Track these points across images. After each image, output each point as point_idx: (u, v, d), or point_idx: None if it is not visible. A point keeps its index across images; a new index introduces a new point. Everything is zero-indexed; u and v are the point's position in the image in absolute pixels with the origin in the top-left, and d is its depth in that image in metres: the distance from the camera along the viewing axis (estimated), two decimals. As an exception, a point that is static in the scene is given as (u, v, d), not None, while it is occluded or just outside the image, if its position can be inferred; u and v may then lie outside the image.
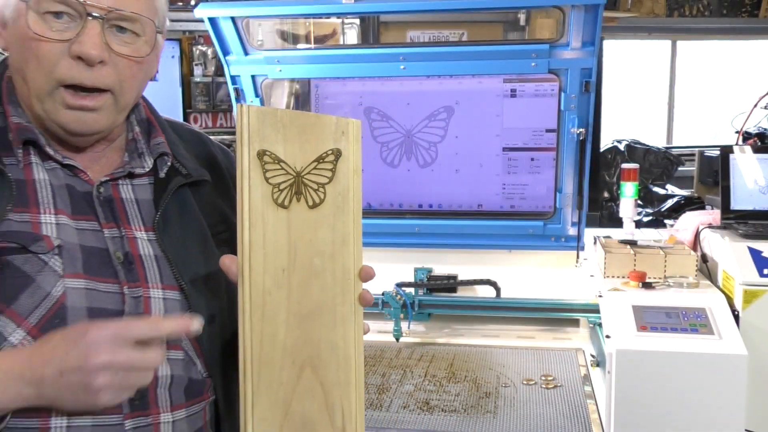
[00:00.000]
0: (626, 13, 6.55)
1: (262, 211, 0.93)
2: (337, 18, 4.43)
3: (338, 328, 0.96)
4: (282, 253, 0.94)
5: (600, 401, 2.02)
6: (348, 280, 0.96)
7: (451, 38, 6.25)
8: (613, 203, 5.39)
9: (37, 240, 0.93)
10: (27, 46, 0.93)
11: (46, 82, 0.95)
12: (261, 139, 0.93)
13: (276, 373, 0.95)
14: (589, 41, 2.42)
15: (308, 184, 0.95)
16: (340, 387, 0.97)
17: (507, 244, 2.79)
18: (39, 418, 0.91)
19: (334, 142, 0.96)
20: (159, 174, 1.07)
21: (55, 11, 0.92)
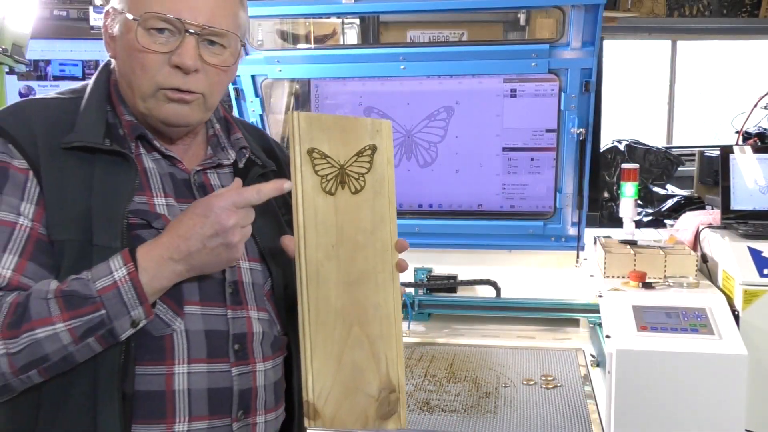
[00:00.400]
0: (626, 13, 6.55)
1: (313, 198, 1.12)
2: (337, 18, 4.43)
3: (380, 291, 1.15)
4: (331, 232, 1.13)
5: (600, 401, 2.02)
6: (386, 251, 1.15)
7: (451, 38, 6.25)
8: (613, 203, 5.39)
9: (158, 217, 1.12)
10: (134, 56, 1.11)
11: (149, 86, 1.12)
12: (310, 139, 1.12)
13: (329, 330, 1.13)
14: (589, 41, 2.42)
15: (350, 175, 1.14)
16: (383, 340, 1.15)
17: (507, 244, 2.79)
18: (165, 364, 1.09)
19: (370, 139, 1.14)
20: (238, 164, 1.25)
21: (159, 28, 1.10)
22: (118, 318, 1.02)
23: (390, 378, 1.16)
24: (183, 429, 1.10)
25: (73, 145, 1.09)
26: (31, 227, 1.06)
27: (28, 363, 1.01)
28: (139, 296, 1.03)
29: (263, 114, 2.81)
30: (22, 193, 1.08)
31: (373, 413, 1.15)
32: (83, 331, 1.01)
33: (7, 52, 2.23)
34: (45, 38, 2.86)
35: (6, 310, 1.02)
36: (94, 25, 3.00)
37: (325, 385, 1.14)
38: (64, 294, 1.01)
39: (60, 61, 2.96)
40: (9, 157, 1.09)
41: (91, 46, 2.97)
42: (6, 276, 1.04)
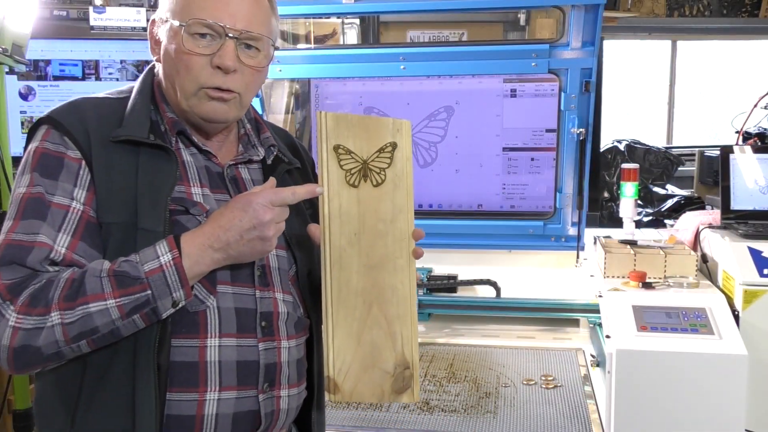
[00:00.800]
0: (626, 13, 6.55)
1: (338, 190, 1.22)
2: (337, 18, 4.43)
3: (397, 275, 1.24)
4: (354, 221, 1.23)
5: (600, 401, 2.02)
6: (404, 239, 1.24)
7: (451, 38, 6.25)
8: (613, 203, 5.39)
9: (195, 205, 1.23)
10: (180, 58, 1.23)
11: (192, 86, 1.23)
12: (336, 136, 1.22)
13: (350, 310, 1.22)
14: (589, 41, 2.42)
15: (372, 169, 1.24)
16: (400, 319, 1.24)
17: (507, 244, 2.79)
18: (199, 338, 1.19)
19: (391, 137, 1.24)
20: (267, 161, 1.36)
21: (202, 33, 1.22)
22: (161, 298, 1.13)
23: (405, 355, 1.25)
24: (214, 397, 1.20)
25: (121, 138, 1.21)
26: (82, 210, 1.18)
27: (79, 333, 1.11)
28: (182, 279, 1.14)
29: (263, 114, 2.81)
30: (75, 179, 1.19)
31: (389, 388, 1.24)
32: (130, 309, 1.12)
33: (7, 52, 2.23)
34: (45, 38, 2.86)
35: (63, 284, 1.12)
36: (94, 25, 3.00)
37: (345, 361, 1.23)
38: (116, 274, 1.12)
39: (60, 61, 2.96)
40: (65, 148, 1.20)
41: (91, 46, 2.96)
42: (61, 252, 1.15)
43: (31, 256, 1.13)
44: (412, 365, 1.26)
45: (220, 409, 1.20)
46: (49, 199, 1.17)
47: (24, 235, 1.14)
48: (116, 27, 3.01)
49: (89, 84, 2.95)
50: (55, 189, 1.17)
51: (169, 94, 1.29)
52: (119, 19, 3.01)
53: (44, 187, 1.17)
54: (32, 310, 1.10)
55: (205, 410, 1.20)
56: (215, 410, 1.20)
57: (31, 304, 1.10)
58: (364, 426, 1.94)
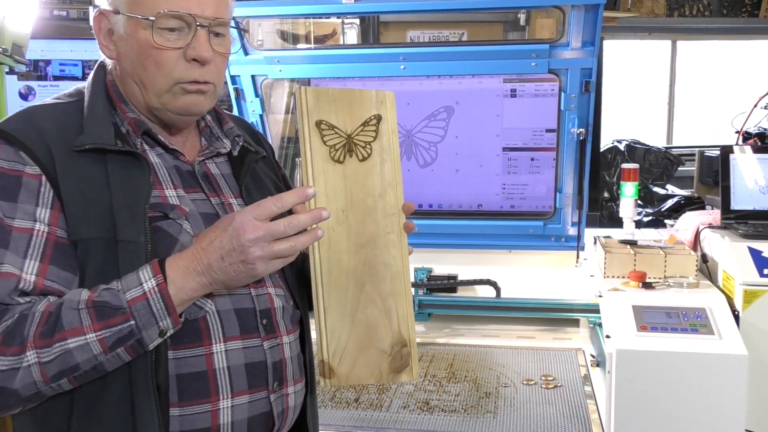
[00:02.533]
0: (626, 13, 6.54)
1: (322, 167, 1.18)
2: (337, 18, 4.42)
3: (389, 250, 1.20)
4: (341, 198, 1.18)
5: (600, 401, 2.02)
6: (394, 213, 1.21)
7: (451, 38, 6.24)
8: (613, 203, 5.39)
9: (173, 208, 1.16)
10: (147, 55, 1.15)
11: (166, 82, 1.16)
12: (318, 111, 1.18)
13: (342, 291, 1.18)
14: (589, 41, 2.42)
15: (357, 143, 1.20)
16: (394, 296, 1.20)
17: (507, 244, 2.79)
18: (203, 345, 1.14)
19: (375, 109, 1.21)
20: (233, 152, 1.31)
21: (170, 26, 1.15)
22: (147, 328, 1.05)
23: (401, 333, 1.21)
24: (227, 405, 1.15)
25: (86, 147, 1.12)
26: (48, 231, 1.09)
27: (60, 372, 1.04)
28: (168, 307, 1.06)
29: (263, 114, 2.81)
30: (37, 198, 1.10)
31: (387, 368, 1.20)
32: (113, 342, 1.04)
33: (7, 52, 2.23)
34: (45, 38, 2.86)
35: (38, 319, 1.04)
36: (94, 25, 3.00)
37: (339, 343, 1.19)
38: (95, 304, 1.04)
39: (60, 61, 2.96)
40: (21, 164, 1.11)
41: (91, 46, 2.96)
42: (31, 281, 1.07)
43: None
44: (410, 343, 1.21)
45: (234, 417, 1.16)
46: (8, 223, 1.07)
47: None
48: (116, 27, 3.00)
49: (89, 84, 2.95)
50: (14, 212, 1.08)
51: (131, 93, 1.21)
52: (119, 19, 3.01)
53: (2, 211, 1.08)
54: (6, 349, 1.02)
55: (220, 420, 1.15)
56: (230, 418, 1.15)
57: (4, 343, 1.02)
58: (364, 426, 1.94)
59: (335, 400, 2.08)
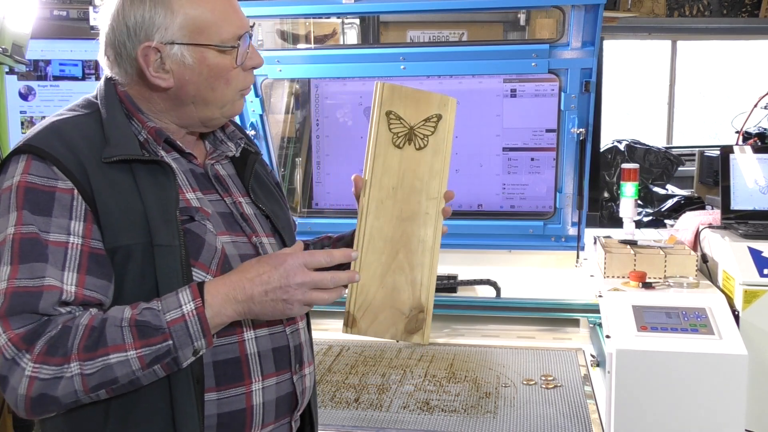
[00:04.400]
0: (626, 13, 6.55)
1: (384, 148, 1.35)
2: (337, 18, 4.43)
3: (425, 228, 1.35)
4: (394, 177, 1.35)
5: (600, 401, 2.02)
6: (435, 197, 1.36)
7: (451, 38, 6.25)
8: (613, 203, 5.39)
9: (198, 211, 1.23)
10: (219, 76, 1.24)
11: (232, 95, 1.28)
12: (390, 103, 1.36)
13: (378, 254, 1.31)
14: (589, 41, 2.42)
15: (417, 135, 1.37)
16: (422, 267, 1.34)
17: (507, 244, 2.79)
18: (236, 334, 1.22)
19: (437, 110, 1.40)
20: (235, 154, 1.38)
21: (234, 45, 1.25)
22: (183, 348, 1.11)
23: (421, 300, 1.33)
24: (259, 387, 1.25)
25: (114, 158, 1.18)
26: (82, 244, 1.14)
27: (99, 384, 1.09)
28: (204, 329, 1.12)
29: (263, 114, 2.81)
30: (70, 212, 1.14)
31: (402, 327, 1.32)
32: (151, 359, 1.10)
33: (7, 52, 2.23)
34: (45, 38, 2.85)
35: (82, 332, 1.09)
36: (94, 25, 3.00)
37: (366, 299, 1.30)
38: (138, 324, 1.10)
39: (60, 61, 2.95)
40: (54, 180, 1.15)
41: (91, 46, 2.94)
42: (72, 291, 1.12)
43: (42, 301, 1.09)
44: (426, 310, 1.33)
45: (265, 397, 1.25)
46: (44, 237, 1.12)
47: (29, 281, 1.09)
48: (116, 27, 3.00)
49: (89, 84, 2.94)
50: (48, 226, 1.12)
51: (186, 112, 1.27)
52: (119, 19, 3.01)
53: (37, 226, 1.12)
54: (50, 359, 1.07)
55: (254, 400, 1.24)
56: (262, 399, 1.25)
57: (48, 353, 1.07)
58: (364, 426, 1.94)
59: (335, 400, 2.08)
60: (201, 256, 1.20)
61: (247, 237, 1.30)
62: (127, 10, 1.20)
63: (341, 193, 2.94)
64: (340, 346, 2.48)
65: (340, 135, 2.90)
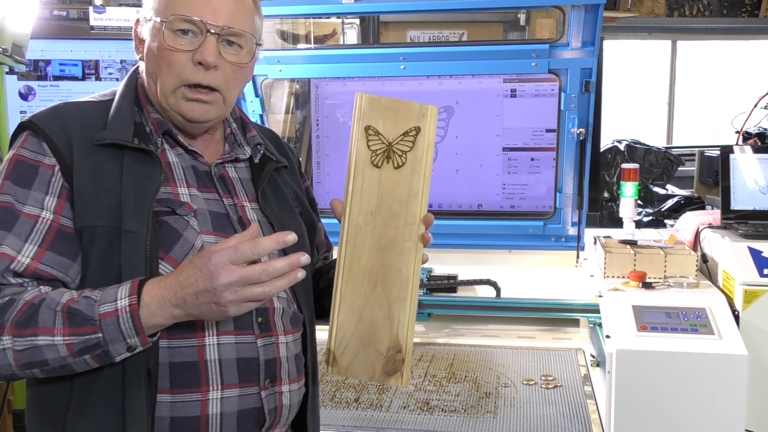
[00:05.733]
0: (626, 13, 6.55)
1: (363, 169, 1.27)
2: (337, 18, 4.43)
3: (403, 257, 1.26)
4: (372, 200, 1.26)
5: (600, 401, 2.02)
6: (414, 222, 1.27)
7: (451, 38, 6.25)
8: (613, 203, 5.39)
9: (182, 205, 1.22)
10: (162, 55, 1.23)
11: (173, 82, 1.23)
12: (369, 117, 1.27)
13: (357, 287, 1.25)
14: (589, 41, 2.42)
15: (395, 151, 1.27)
16: (399, 302, 1.26)
17: (507, 244, 2.79)
18: (196, 337, 1.19)
19: (416, 121, 1.27)
20: (254, 159, 1.37)
21: (183, 29, 1.22)
22: (113, 343, 1.10)
23: (399, 339, 1.26)
24: (217, 396, 1.20)
25: (105, 142, 1.20)
26: (52, 219, 1.17)
27: (29, 363, 1.10)
28: (136, 328, 1.10)
29: (263, 114, 2.81)
30: (47, 186, 1.18)
31: (380, 369, 1.26)
32: (80, 349, 1.10)
33: (7, 52, 2.23)
34: (45, 38, 2.85)
35: (20, 307, 1.11)
36: (94, 25, 3.00)
37: (345, 336, 1.26)
38: (69, 311, 1.10)
39: (60, 61, 2.95)
40: (42, 155, 1.19)
41: (91, 46, 2.96)
42: (24, 263, 1.14)
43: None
44: (405, 350, 1.26)
45: (224, 408, 1.20)
46: (19, 208, 1.16)
47: None
48: (116, 27, 3.00)
49: (89, 84, 2.94)
50: (26, 198, 1.17)
51: (152, 92, 1.28)
52: (119, 19, 3.01)
53: (14, 196, 1.16)
54: None
55: (209, 410, 1.20)
56: (219, 409, 1.20)
57: None
58: (364, 426, 1.94)
59: (335, 400, 2.08)
60: (173, 250, 1.19)
61: None
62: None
63: (341, 193, 2.93)
64: (340, 346, 2.48)
65: (340, 135, 2.90)
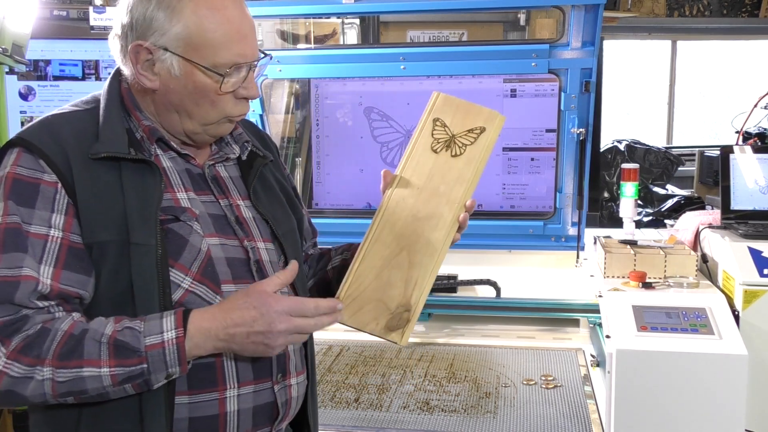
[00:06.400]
0: (626, 13, 6.55)
1: (421, 151, 1.39)
2: (337, 18, 4.43)
3: (437, 231, 1.35)
4: (422, 178, 1.37)
5: (600, 401, 2.02)
6: (455, 203, 1.36)
7: (451, 38, 6.25)
8: (613, 203, 5.39)
9: (184, 211, 1.23)
10: (205, 96, 1.22)
11: (217, 117, 1.25)
12: (440, 112, 1.42)
13: (383, 248, 1.33)
14: (589, 41, 2.42)
15: (457, 143, 1.40)
16: (422, 268, 1.33)
17: (507, 244, 2.78)
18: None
19: (484, 123, 1.41)
20: (242, 157, 1.37)
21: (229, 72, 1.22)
22: (156, 372, 1.12)
23: (411, 299, 1.32)
24: (234, 394, 1.22)
25: (101, 155, 1.18)
26: (62, 237, 1.15)
27: (68, 392, 1.11)
28: (180, 359, 1.13)
29: (263, 114, 2.81)
30: (53, 205, 1.16)
31: (383, 323, 1.31)
32: (123, 378, 1.11)
33: (7, 52, 2.23)
34: (45, 38, 2.85)
35: (59, 338, 1.11)
36: (94, 25, 3.00)
37: (357, 289, 1.31)
38: (116, 343, 1.11)
39: (60, 61, 2.95)
40: (40, 172, 1.17)
41: (91, 46, 2.96)
42: (47, 284, 1.13)
43: (18, 292, 1.10)
44: (413, 309, 1.32)
45: (240, 405, 1.23)
46: (26, 229, 1.13)
47: (8, 270, 1.11)
48: (116, 27, 3.00)
49: (89, 84, 2.94)
50: (31, 218, 1.14)
51: (166, 121, 1.26)
52: (119, 19, 3.01)
53: (20, 217, 1.14)
54: (23, 357, 1.09)
55: (227, 407, 1.22)
56: (236, 406, 1.22)
57: (22, 351, 1.09)
58: (364, 426, 1.94)
59: (335, 400, 2.08)
60: (181, 257, 1.19)
61: (239, 240, 1.28)
62: (136, 3, 1.20)
63: (341, 193, 2.94)
64: (340, 346, 2.48)
65: (340, 135, 2.90)
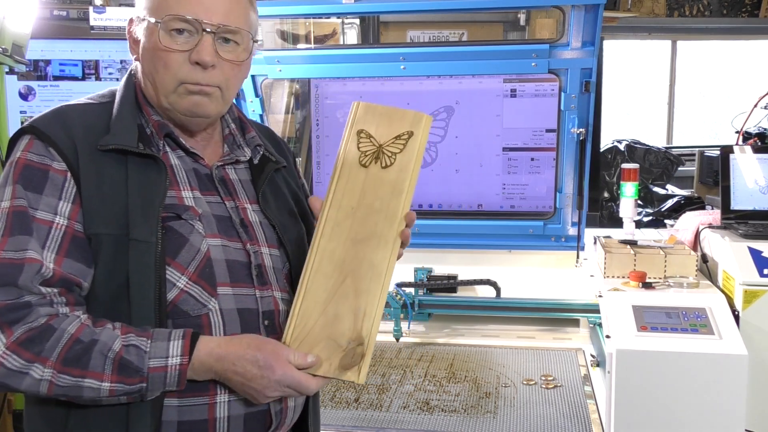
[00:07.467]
0: (626, 13, 6.55)
1: (350, 168, 1.30)
2: (337, 18, 4.43)
3: (379, 252, 1.26)
4: (355, 197, 1.28)
5: (600, 401, 2.02)
6: (395, 218, 1.28)
7: (451, 38, 6.25)
8: (613, 203, 5.39)
9: (187, 210, 1.22)
10: (158, 56, 1.22)
11: (172, 82, 1.22)
12: (363, 123, 1.33)
13: (325, 280, 1.24)
14: (589, 41, 2.42)
15: (385, 152, 1.31)
16: (368, 294, 1.24)
17: (507, 244, 2.78)
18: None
19: (410, 126, 1.32)
20: (254, 160, 1.37)
21: (178, 29, 1.21)
22: (153, 390, 1.14)
23: (362, 331, 1.23)
24: (224, 399, 1.21)
25: (109, 147, 1.19)
26: (66, 225, 1.16)
27: (64, 395, 1.12)
28: (180, 383, 1.15)
29: (263, 114, 2.81)
30: (60, 192, 1.17)
31: (337, 362, 1.22)
32: (120, 393, 1.13)
33: (7, 52, 2.23)
34: (45, 38, 2.85)
35: (65, 341, 1.11)
36: (94, 25, 3.00)
37: (304, 328, 1.23)
38: (122, 361, 1.12)
39: (60, 61, 2.95)
40: (50, 159, 1.18)
41: (91, 46, 2.96)
42: (50, 268, 1.13)
43: (22, 275, 1.10)
44: (366, 343, 1.23)
45: (231, 411, 1.21)
46: (32, 213, 1.14)
47: (13, 253, 1.11)
48: (116, 27, 3.00)
49: (89, 84, 2.95)
50: (38, 203, 1.15)
51: (150, 93, 1.27)
52: (119, 19, 3.01)
53: (27, 201, 1.15)
54: (23, 352, 1.09)
55: (217, 413, 1.20)
56: (227, 412, 1.21)
57: (23, 344, 1.09)
58: (364, 426, 1.94)
59: (335, 400, 2.08)
60: (179, 255, 1.19)
61: (242, 243, 1.28)
62: None
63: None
64: (340, 346, 2.48)
65: (340, 135, 2.87)
